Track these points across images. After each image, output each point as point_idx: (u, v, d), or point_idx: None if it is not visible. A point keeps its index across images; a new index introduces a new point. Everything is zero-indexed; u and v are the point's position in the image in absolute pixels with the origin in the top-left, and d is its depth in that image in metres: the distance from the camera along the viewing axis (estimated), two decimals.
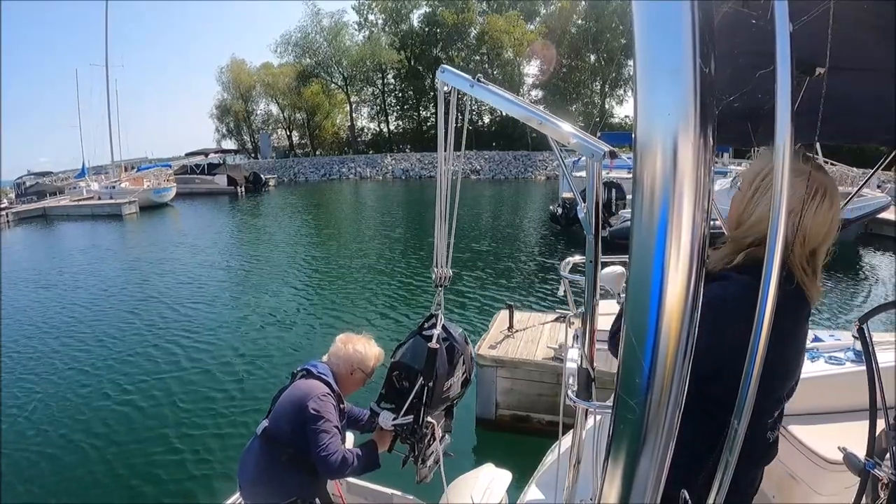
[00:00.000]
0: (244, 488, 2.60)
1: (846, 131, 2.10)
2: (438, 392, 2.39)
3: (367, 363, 2.72)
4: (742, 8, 1.04)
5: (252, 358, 8.23)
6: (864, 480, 1.48)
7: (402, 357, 2.44)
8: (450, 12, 54.66)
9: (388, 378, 2.48)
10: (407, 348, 2.46)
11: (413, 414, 2.41)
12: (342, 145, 62.40)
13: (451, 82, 1.76)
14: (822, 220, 1.24)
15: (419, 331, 2.47)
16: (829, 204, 1.25)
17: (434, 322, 2.44)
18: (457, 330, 2.53)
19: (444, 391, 2.43)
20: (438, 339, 2.35)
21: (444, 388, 2.42)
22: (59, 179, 42.29)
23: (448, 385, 2.45)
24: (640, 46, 0.62)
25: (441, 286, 2.44)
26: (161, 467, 5.46)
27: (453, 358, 2.45)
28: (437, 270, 2.40)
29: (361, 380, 2.75)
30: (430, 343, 2.32)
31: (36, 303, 12.24)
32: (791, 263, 1.22)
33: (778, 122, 0.65)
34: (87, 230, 25.36)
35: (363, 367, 2.71)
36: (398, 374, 2.43)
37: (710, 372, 1.10)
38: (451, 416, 2.69)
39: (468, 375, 2.58)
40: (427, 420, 2.44)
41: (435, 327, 2.39)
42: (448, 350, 2.42)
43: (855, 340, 2.87)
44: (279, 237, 21.03)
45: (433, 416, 2.47)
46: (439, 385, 2.37)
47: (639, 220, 0.64)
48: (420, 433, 2.44)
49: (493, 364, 5.77)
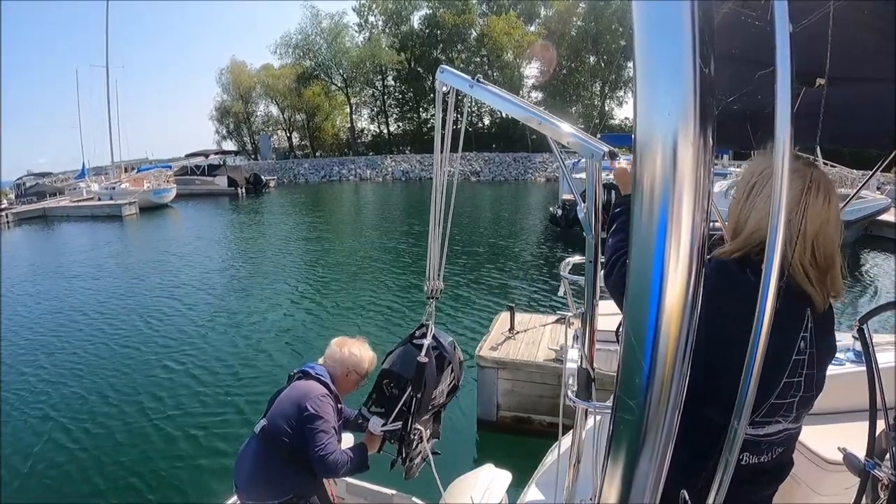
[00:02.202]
0: (241, 488, 2.62)
1: (845, 135, 2.09)
2: (426, 401, 2.46)
3: (362, 366, 2.80)
4: (742, 9, 1.04)
5: (248, 359, 8.24)
6: (864, 481, 1.48)
7: (393, 365, 2.50)
8: (450, 14, 54.67)
9: (377, 385, 2.55)
10: (397, 356, 2.52)
11: (401, 420, 2.47)
12: (342, 147, 62.35)
13: (450, 83, 1.76)
14: (819, 216, 1.20)
15: (410, 339, 2.53)
16: (826, 199, 1.21)
17: (425, 331, 2.49)
18: (447, 339, 2.58)
19: (432, 399, 2.50)
20: (429, 350, 2.41)
21: (431, 396, 2.48)
22: (59, 180, 42.32)
23: (436, 394, 2.52)
24: (640, 47, 0.62)
25: (433, 298, 2.48)
26: (157, 468, 5.46)
27: (442, 367, 2.51)
28: (430, 283, 2.45)
29: (356, 382, 2.82)
30: (419, 357, 2.37)
31: (35, 302, 12.27)
32: (792, 268, 1.17)
33: (778, 123, 0.65)
34: (86, 231, 25.41)
35: (358, 370, 2.79)
36: (388, 382, 2.49)
37: None
38: (438, 422, 2.76)
39: (456, 383, 2.65)
40: (415, 427, 2.50)
41: (426, 337, 2.44)
42: (437, 359, 2.48)
43: (855, 341, 2.87)
44: (279, 239, 21.03)
45: (421, 421, 2.53)
46: (427, 394, 2.44)
47: (638, 220, 0.64)
48: (408, 439, 2.50)
49: (495, 365, 5.76)
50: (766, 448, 1.27)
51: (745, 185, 1.29)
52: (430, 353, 2.41)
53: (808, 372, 1.25)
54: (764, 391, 1.21)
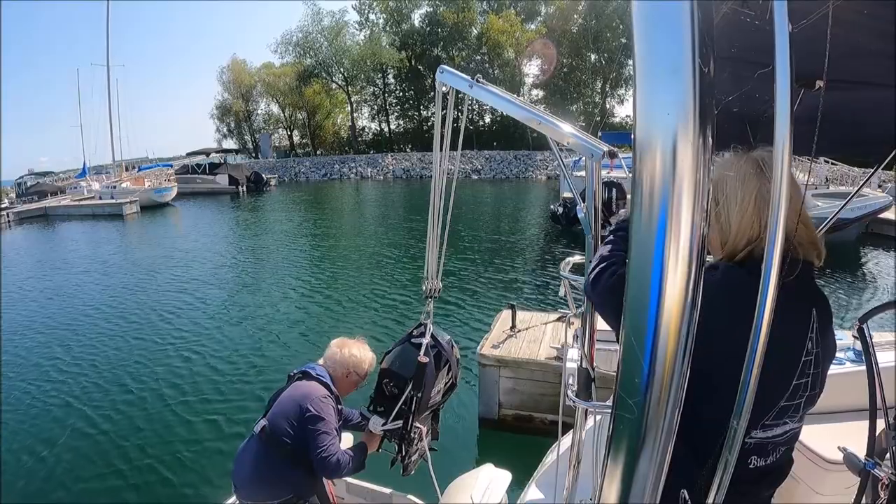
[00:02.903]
0: (240, 487, 2.62)
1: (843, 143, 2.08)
2: (426, 400, 2.48)
3: (362, 367, 2.81)
4: (742, 8, 1.03)
5: (247, 359, 8.23)
6: (864, 480, 1.48)
7: (392, 364, 2.52)
8: (450, 12, 54.61)
9: (378, 384, 2.58)
10: (396, 355, 2.54)
11: (402, 419, 2.50)
12: (343, 145, 62.41)
13: (450, 83, 1.75)
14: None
15: (408, 338, 2.55)
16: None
17: (423, 330, 2.51)
18: (444, 337, 2.60)
19: (431, 398, 2.53)
20: (427, 350, 2.43)
21: (430, 395, 2.51)
22: (60, 179, 42.41)
23: (435, 392, 2.54)
24: (640, 46, 0.62)
25: (431, 297, 2.51)
26: (156, 468, 5.46)
27: (440, 365, 2.53)
28: (428, 282, 2.47)
29: (355, 382, 2.83)
30: (419, 357, 2.39)
31: (35, 302, 12.28)
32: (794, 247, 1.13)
33: (777, 123, 0.65)
34: (88, 230, 25.42)
35: (358, 371, 2.80)
36: (387, 382, 2.52)
37: None
38: (437, 421, 2.78)
39: (454, 380, 2.68)
40: (415, 426, 2.52)
41: (424, 336, 2.47)
42: (436, 357, 2.50)
43: (855, 340, 2.86)
44: (281, 237, 21.05)
45: (420, 420, 2.56)
46: (426, 393, 2.46)
47: (638, 219, 0.64)
48: (409, 438, 2.52)
49: (496, 364, 5.76)
50: (772, 449, 1.27)
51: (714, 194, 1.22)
52: (428, 352, 2.43)
53: (814, 371, 1.25)
54: (776, 394, 1.21)
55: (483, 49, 55.24)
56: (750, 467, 1.25)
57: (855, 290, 11.52)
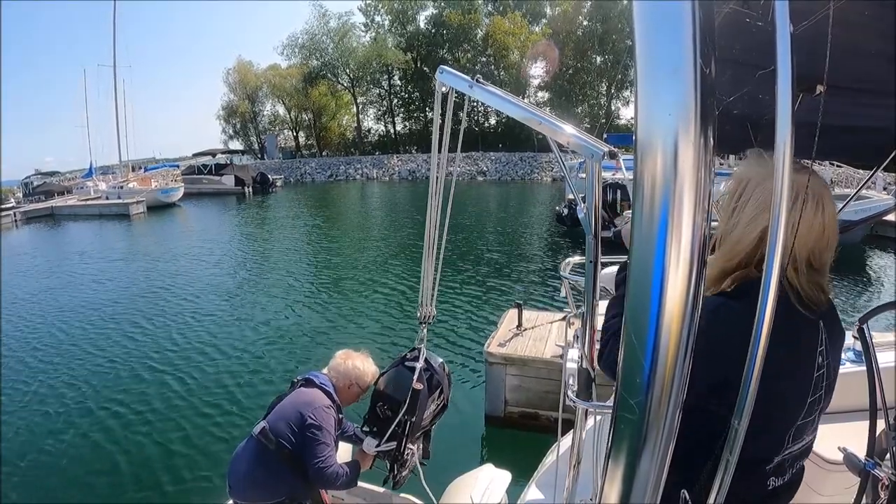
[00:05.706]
0: (235, 488, 2.63)
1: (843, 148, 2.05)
2: (418, 423, 2.53)
3: (364, 379, 2.84)
4: (743, 8, 1.03)
5: (248, 362, 8.23)
6: (864, 480, 1.47)
7: (386, 387, 2.59)
8: (455, 13, 54.66)
9: (371, 407, 2.64)
10: (390, 379, 2.60)
11: (395, 441, 2.55)
12: (348, 146, 62.49)
13: (449, 83, 1.75)
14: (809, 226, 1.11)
15: (402, 361, 2.59)
16: (817, 208, 1.12)
17: (417, 354, 2.55)
18: (437, 360, 2.64)
19: (424, 419, 2.58)
20: (421, 375, 2.48)
21: (422, 418, 2.56)
22: (67, 179, 42.58)
23: (427, 414, 2.59)
24: (641, 46, 0.62)
25: (425, 323, 2.54)
26: (154, 469, 5.49)
27: (432, 389, 2.57)
28: (422, 309, 2.50)
29: (357, 394, 2.86)
30: (414, 384, 2.44)
31: (37, 303, 12.34)
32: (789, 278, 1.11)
33: (778, 124, 0.65)
34: (95, 230, 25.56)
35: (360, 383, 2.83)
36: (382, 405, 2.58)
37: None
38: (429, 441, 2.82)
39: (445, 402, 2.71)
40: (408, 447, 2.57)
41: (418, 360, 2.51)
42: (428, 381, 2.54)
43: (855, 340, 2.84)
44: (288, 238, 21.12)
45: (413, 440, 2.60)
46: (419, 416, 2.51)
47: (639, 220, 0.64)
48: (401, 459, 2.57)
49: (502, 362, 5.82)
50: (789, 466, 1.25)
51: (733, 193, 1.19)
52: (422, 376, 2.49)
53: (826, 382, 1.23)
54: (793, 417, 1.20)
55: (488, 51, 55.25)
56: (769, 489, 1.22)
57: (857, 291, 11.50)
